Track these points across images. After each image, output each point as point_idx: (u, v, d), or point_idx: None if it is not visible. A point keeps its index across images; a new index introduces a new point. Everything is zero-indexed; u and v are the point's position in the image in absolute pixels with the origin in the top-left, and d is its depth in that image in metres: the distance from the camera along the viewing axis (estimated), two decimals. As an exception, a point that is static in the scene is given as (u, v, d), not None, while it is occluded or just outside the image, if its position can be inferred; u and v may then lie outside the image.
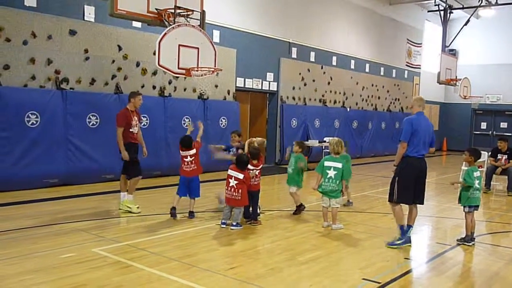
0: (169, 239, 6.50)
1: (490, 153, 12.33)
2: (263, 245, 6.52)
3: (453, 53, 24.92)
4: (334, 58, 18.68)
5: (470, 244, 6.71)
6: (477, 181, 6.73)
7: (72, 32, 10.53)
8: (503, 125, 25.41)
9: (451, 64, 21.56)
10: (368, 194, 10.85)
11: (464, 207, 6.82)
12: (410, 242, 6.60)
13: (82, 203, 8.76)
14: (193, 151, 7.80)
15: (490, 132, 25.47)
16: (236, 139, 8.49)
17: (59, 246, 5.93)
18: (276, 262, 5.66)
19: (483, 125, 26.09)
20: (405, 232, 6.57)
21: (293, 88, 16.73)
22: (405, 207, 6.71)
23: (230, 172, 7.30)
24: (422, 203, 6.71)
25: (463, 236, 6.91)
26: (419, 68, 24.55)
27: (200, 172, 7.92)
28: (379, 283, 5.05)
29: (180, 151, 7.86)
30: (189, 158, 7.76)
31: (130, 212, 7.97)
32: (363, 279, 5.16)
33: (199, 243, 6.36)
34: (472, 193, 6.71)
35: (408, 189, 6.49)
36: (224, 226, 7.20)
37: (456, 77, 21.57)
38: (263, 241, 6.67)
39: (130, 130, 8.11)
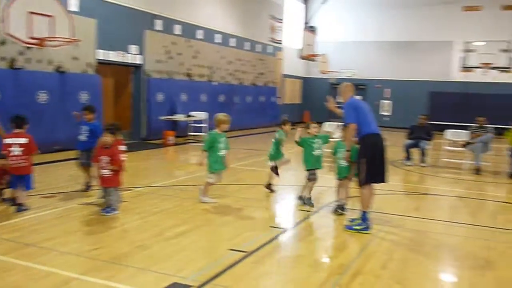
0: (24, 223, 6.01)
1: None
2: (130, 223, 6.31)
3: (313, 29, 26.13)
4: (200, 32, 18.53)
5: (343, 212, 7.02)
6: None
7: None
8: (357, 98, 27.35)
9: (311, 40, 22.64)
10: (236, 167, 11.04)
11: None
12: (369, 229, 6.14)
13: None
14: (24, 139, 6.51)
15: (347, 105, 27.30)
16: (87, 116, 7.69)
17: None
18: (144, 239, 5.52)
19: (341, 98, 27.80)
20: (366, 218, 6.16)
21: (159, 61, 16.32)
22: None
23: None
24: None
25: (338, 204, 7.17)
26: (281, 43, 25.36)
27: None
28: (245, 252, 5.17)
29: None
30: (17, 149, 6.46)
31: None
32: (230, 249, 5.24)
33: (59, 226, 5.97)
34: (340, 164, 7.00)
35: (378, 167, 6.14)
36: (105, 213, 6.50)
37: (316, 53, 22.69)
38: (129, 219, 6.45)
39: None
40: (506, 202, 8.81)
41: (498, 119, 17.16)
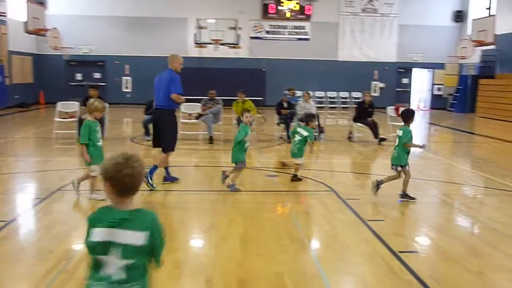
0: None
1: (81, 102, 12.59)
2: None
3: (42, 2, 24.09)
4: None
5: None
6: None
7: None
8: (97, 75, 26.45)
9: (39, 14, 20.86)
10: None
11: None
12: None
13: None
14: None
15: (85, 83, 26.12)
16: None
17: None
18: None
19: (78, 76, 26.51)
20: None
21: None
22: None
23: None
24: (164, 150, 7.43)
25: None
26: (5, 16, 22.71)
27: None
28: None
29: None
30: None
31: None
32: None
33: None
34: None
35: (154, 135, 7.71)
36: None
37: (45, 27, 21.04)
38: None
39: None
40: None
41: (228, 91, 18.67)
